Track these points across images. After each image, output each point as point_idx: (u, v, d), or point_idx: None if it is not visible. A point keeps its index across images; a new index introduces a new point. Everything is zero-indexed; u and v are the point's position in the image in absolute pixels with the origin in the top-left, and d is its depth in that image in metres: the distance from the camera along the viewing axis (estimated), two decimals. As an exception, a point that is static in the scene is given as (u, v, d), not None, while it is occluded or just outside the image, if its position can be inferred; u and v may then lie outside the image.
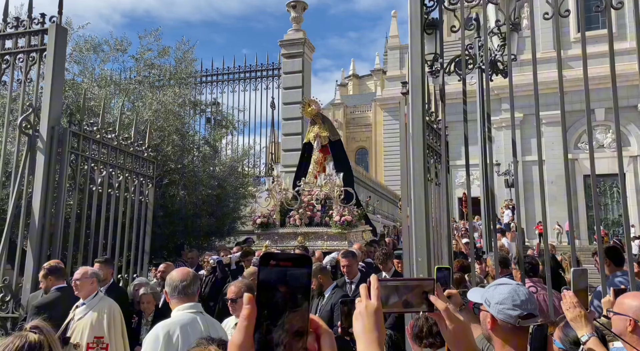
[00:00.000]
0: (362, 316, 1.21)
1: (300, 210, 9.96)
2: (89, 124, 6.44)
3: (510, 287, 1.90)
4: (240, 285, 3.98)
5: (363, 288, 1.26)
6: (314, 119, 11.42)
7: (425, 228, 4.62)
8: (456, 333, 1.32)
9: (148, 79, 11.07)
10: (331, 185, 9.83)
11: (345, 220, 9.44)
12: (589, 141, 4.44)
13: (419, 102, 4.67)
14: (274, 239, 9.87)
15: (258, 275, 0.69)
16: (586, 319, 2.09)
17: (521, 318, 1.82)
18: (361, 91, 60.86)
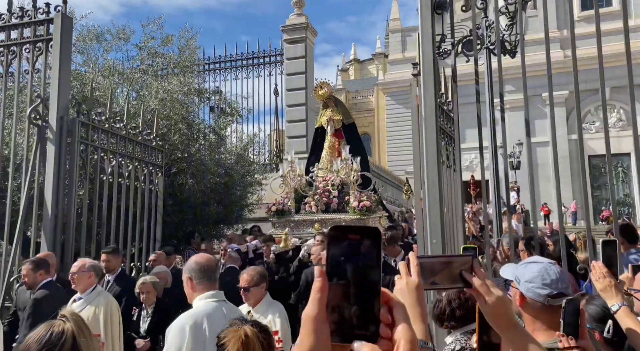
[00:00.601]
0: (403, 293, 1.21)
1: (316, 197, 9.74)
2: (97, 114, 6.43)
3: (541, 266, 1.88)
4: (253, 273, 3.96)
5: (402, 266, 1.25)
6: (326, 102, 11.05)
7: (440, 211, 4.62)
8: (495, 308, 1.31)
9: (152, 67, 11.01)
10: (347, 170, 9.55)
11: (364, 205, 9.24)
12: (604, 120, 4.41)
13: (431, 83, 4.63)
14: (290, 226, 9.68)
15: (328, 249, 0.68)
16: (616, 289, 2.07)
17: (550, 297, 1.80)
18: (363, 76, 60.50)
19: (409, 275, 1.23)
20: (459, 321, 2.72)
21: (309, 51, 15.84)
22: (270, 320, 3.81)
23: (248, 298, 3.94)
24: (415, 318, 1.18)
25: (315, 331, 0.64)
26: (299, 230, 9.58)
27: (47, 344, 1.74)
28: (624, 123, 30.01)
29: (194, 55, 11.99)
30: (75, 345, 1.79)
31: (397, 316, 0.68)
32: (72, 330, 1.82)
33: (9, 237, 5.90)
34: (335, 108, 11.07)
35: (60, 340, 1.77)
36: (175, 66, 11.21)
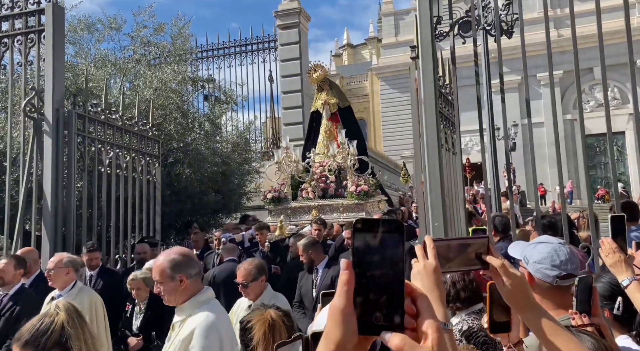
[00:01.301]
0: (421, 276, 1.20)
1: (313, 183, 9.49)
2: (92, 105, 6.37)
3: (551, 247, 1.87)
4: (249, 268, 3.77)
5: (419, 249, 1.24)
6: (321, 85, 10.71)
7: (441, 194, 4.62)
8: (514, 288, 1.31)
9: (145, 57, 10.89)
10: (344, 154, 9.28)
11: (362, 190, 9.01)
12: (605, 99, 4.40)
13: (430, 66, 4.60)
14: (287, 214, 9.47)
15: (353, 241, 0.69)
16: (626, 264, 2.07)
17: (559, 278, 1.80)
18: (356, 61, 60.10)
19: (426, 258, 1.22)
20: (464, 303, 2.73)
21: (303, 36, 15.70)
22: None
23: (247, 294, 3.81)
24: (434, 301, 1.17)
25: (344, 323, 0.65)
26: (296, 217, 9.37)
27: (36, 333, 1.86)
28: (618, 102, 30.04)
29: (186, 43, 11.87)
30: (63, 334, 1.88)
31: (422, 307, 0.70)
32: (62, 320, 1.91)
33: (9, 231, 5.88)
34: (331, 91, 10.76)
35: (49, 330, 1.87)
36: (168, 55, 11.10)
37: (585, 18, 20.55)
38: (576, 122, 30.17)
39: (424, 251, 1.23)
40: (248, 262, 3.98)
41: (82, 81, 6.85)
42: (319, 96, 10.78)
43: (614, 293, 2.13)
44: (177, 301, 2.59)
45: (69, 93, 6.26)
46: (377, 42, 50.10)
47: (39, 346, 1.85)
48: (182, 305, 2.59)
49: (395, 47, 38.21)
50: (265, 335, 1.98)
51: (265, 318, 2.03)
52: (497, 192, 7.47)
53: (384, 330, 0.66)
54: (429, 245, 1.24)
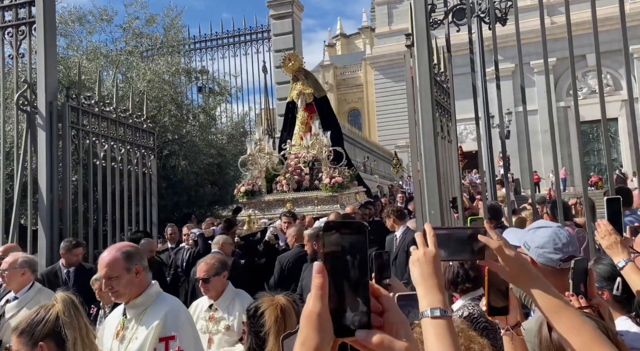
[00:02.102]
0: (420, 263, 1.21)
1: (287, 175, 9.23)
2: (86, 98, 6.32)
3: (551, 230, 1.89)
4: (212, 262, 3.51)
5: (419, 236, 1.26)
6: (296, 75, 10.46)
7: (437, 182, 4.64)
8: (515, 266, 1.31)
9: (138, 48, 10.81)
10: (319, 145, 9.03)
11: (335, 182, 8.76)
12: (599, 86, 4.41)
13: (425, 53, 4.60)
14: (260, 207, 9.17)
15: (323, 245, 0.70)
16: (622, 245, 2.09)
17: (562, 261, 1.82)
18: (350, 50, 59.87)
19: (425, 245, 1.23)
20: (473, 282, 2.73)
21: (296, 26, 15.61)
22: (239, 312, 3.37)
23: (208, 290, 3.48)
24: (433, 287, 1.18)
25: (322, 328, 0.66)
26: (270, 210, 9.11)
27: (32, 323, 1.96)
28: (610, 89, 30.14)
29: (179, 35, 11.78)
30: (57, 324, 1.95)
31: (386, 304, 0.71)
32: (57, 311, 1.99)
33: (5, 226, 5.86)
34: (306, 81, 10.45)
35: (44, 320, 1.96)
36: (161, 46, 11.01)
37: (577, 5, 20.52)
38: (569, 109, 30.25)
39: (424, 238, 1.25)
40: (210, 256, 3.77)
41: (75, 74, 6.80)
42: (294, 86, 10.55)
43: (613, 274, 2.16)
44: (131, 295, 2.46)
45: (62, 86, 6.20)
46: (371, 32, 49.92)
47: (34, 335, 1.92)
48: (136, 299, 2.45)
49: (388, 36, 38.09)
50: (277, 321, 1.96)
51: (276, 304, 2.01)
52: (492, 180, 7.51)
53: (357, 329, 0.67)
54: (429, 232, 1.25)
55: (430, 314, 1.13)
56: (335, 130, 9.99)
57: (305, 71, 10.73)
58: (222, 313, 3.47)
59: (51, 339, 1.93)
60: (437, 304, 1.14)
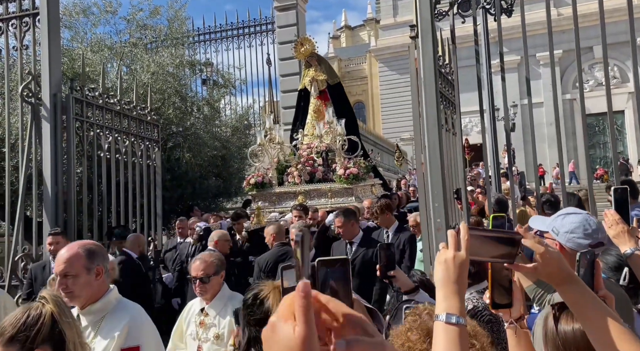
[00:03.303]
0: (447, 266, 1.19)
1: (299, 166, 8.73)
2: (90, 90, 6.32)
3: (582, 216, 1.92)
4: (211, 259, 3.19)
5: (452, 236, 1.22)
6: (309, 61, 9.79)
7: (441, 175, 4.63)
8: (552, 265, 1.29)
9: (142, 40, 10.79)
10: (332, 134, 8.53)
11: (350, 173, 8.26)
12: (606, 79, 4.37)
13: (430, 45, 4.57)
14: (271, 200, 8.76)
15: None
16: (629, 234, 2.09)
17: (592, 247, 1.84)
18: (354, 43, 59.57)
19: (457, 248, 1.20)
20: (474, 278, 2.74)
21: (301, 18, 15.53)
22: (232, 318, 3.03)
23: (206, 291, 3.11)
24: (454, 293, 1.17)
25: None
26: (281, 203, 8.68)
27: (22, 328, 1.62)
28: (617, 81, 29.88)
29: (183, 26, 11.74)
30: (54, 327, 1.66)
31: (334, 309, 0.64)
32: (51, 312, 1.69)
33: (10, 218, 5.89)
34: (319, 67, 9.81)
35: (38, 323, 1.64)
36: (165, 38, 10.98)
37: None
38: (575, 101, 30.04)
39: (457, 239, 1.21)
40: (206, 253, 3.43)
41: (79, 66, 6.79)
42: (306, 73, 9.90)
43: (621, 264, 2.16)
44: (87, 299, 2.20)
45: (66, 78, 6.20)
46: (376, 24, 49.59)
47: (27, 341, 1.61)
48: (93, 305, 2.21)
49: (393, 28, 37.84)
50: None
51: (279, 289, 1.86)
52: (497, 173, 7.47)
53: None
54: (463, 235, 1.21)
55: (445, 319, 1.13)
56: (351, 118, 9.43)
57: (318, 56, 10.11)
58: (212, 319, 3.14)
59: (48, 344, 1.65)
60: (454, 311, 1.14)
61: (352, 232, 5.01)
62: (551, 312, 1.53)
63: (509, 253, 1.29)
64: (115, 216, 6.66)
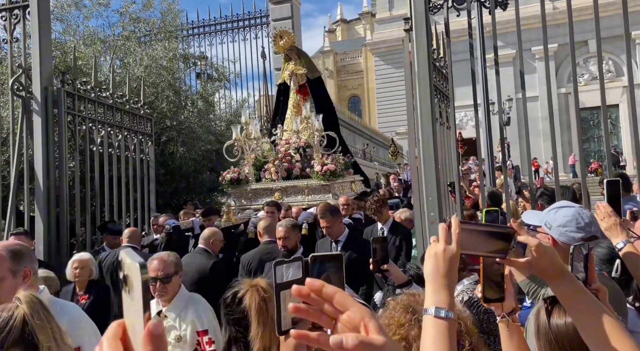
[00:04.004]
0: (437, 259, 1.18)
1: (276, 162, 8.48)
2: (82, 83, 6.27)
3: (574, 210, 1.91)
4: (170, 259, 3.05)
5: (443, 229, 1.21)
6: (288, 54, 9.53)
7: (435, 168, 4.61)
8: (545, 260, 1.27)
9: (135, 34, 10.70)
10: (310, 130, 8.26)
11: (327, 169, 7.98)
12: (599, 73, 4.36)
13: (424, 38, 4.54)
14: (247, 197, 8.45)
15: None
16: (621, 227, 2.09)
17: (584, 240, 1.83)
18: (350, 36, 59.44)
19: (448, 242, 1.19)
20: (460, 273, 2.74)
21: (295, 11, 15.45)
22: (194, 319, 2.95)
23: (166, 292, 2.96)
24: (443, 287, 1.16)
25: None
26: (257, 200, 8.36)
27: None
28: (612, 75, 29.95)
29: (177, 20, 11.65)
30: (25, 330, 1.56)
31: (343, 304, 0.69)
32: (23, 313, 1.59)
33: (1, 212, 5.85)
34: (299, 60, 9.53)
35: (7, 325, 1.55)
36: (158, 31, 10.90)
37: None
38: (570, 95, 30.06)
39: (448, 233, 1.20)
40: (165, 252, 3.24)
41: (71, 59, 6.72)
42: (286, 66, 9.65)
43: (613, 256, 2.17)
44: None
45: (59, 72, 6.14)
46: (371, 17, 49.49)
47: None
48: None
49: (389, 22, 37.71)
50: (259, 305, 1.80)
51: (256, 287, 1.85)
52: (491, 167, 7.48)
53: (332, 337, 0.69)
54: (454, 229, 1.20)
55: (434, 313, 1.12)
56: (330, 114, 9.18)
57: (298, 50, 9.89)
58: (172, 322, 2.98)
59: (19, 347, 1.55)
60: (443, 305, 1.13)
61: (340, 230, 4.87)
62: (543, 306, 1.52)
63: (502, 248, 1.28)
64: (108, 210, 6.63)
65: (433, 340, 1.10)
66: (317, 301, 0.68)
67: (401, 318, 1.52)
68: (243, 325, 1.85)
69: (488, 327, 2.48)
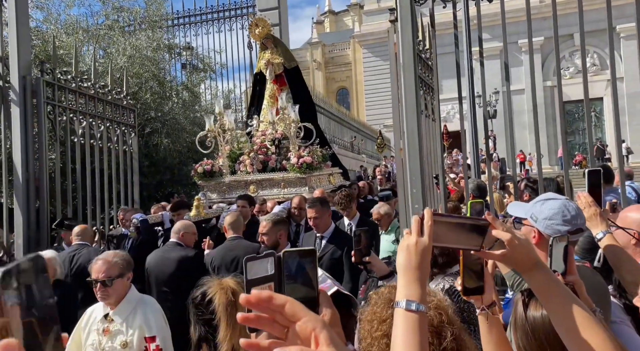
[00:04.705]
0: (409, 252, 1.17)
1: (251, 154, 8.20)
2: (62, 73, 6.13)
3: (560, 202, 1.89)
4: (114, 260, 2.88)
5: (415, 222, 1.20)
6: (264, 43, 9.24)
7: (419, 160, 4.61)
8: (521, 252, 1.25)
9: (118, 23, 10.51)
10: (287, 121, 8.02)
11: (304, 161, 7.75)
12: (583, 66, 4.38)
13: (409, 29, 4.50)
14: (221, 190, 8.19)
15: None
16: (601, 217, 2.09)
17: (570, 233, 1.82)
18: (338, 28, 59.21)
19: (420, 234, 1.18)
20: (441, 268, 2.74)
21: (282, 2, 15.26)
22: (142, 324, 2.80)
23: (108, 295, 2.81)
24: (415, 280, 1.15)
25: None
26: (231, 193, 8.04)
27: None
28: (597, 68, 30.27)
29: (161, 9, 11.47)
30: None
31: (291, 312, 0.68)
32: None
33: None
34: (275, 49, 9.25)
35: None
36: (142, 21, 10.72)
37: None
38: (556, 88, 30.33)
39: (420, 225, 1.19)
40: (113, 252, 3.06)
41: (52, 48, 6.58)
42: (262, 55, 9.38)
43: (594, 246, 2.17)
44: None
45: (39, 61, 6.00)
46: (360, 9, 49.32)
47: None
48: None
49: (377, 14, 37.63)
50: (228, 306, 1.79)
51: (225, 288, 1.83)
52: (477, 160, 7.50)
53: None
54: (426, 221, 1.19)
55: (405, 306, 1.12)
56: (307, 105, 8.97)
57: (275, 38, 9.60)
58: (119, 326, 2.84)
59: None
60: (414, 298, 1.12)
61: (327, 224, 4.56)
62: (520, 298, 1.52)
63: (476, 240, 1.26)
64: (91, 203, 6.53)
65: (404, 334, 1.09)
66: (268, 310, 0.67)
67: (383, 313, 1.50)
68: (213, 325, 1.84)
69: (469, 317, 2.48)
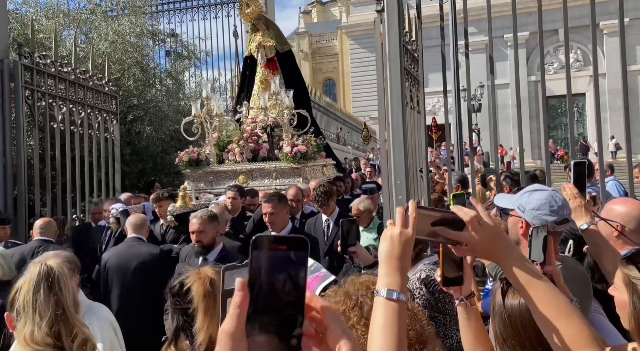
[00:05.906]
0: (392, 242, 1.18)
1: (241, 142, 7.69)
2: (41, 57, 5.99)
3: (547, 193, 1.91)
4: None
5: (400, 212, 1.21)
6: (256, 24, 8.64)
7: (404, 152, 4.60)
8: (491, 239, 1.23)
9: (100, 7, 10.29)
10: (280, 107, 7.53)
11: (298, 151, 7.29)
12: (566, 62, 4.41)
13: (395, 18, 4.47)
14: (208, 180, 7.70)
15: (251, 260, 0.64)
16: (586, 209, 2.12)
17: (557, 224, 1.86)
18: (326, 18, 58.89)
19: (404, 225, 1.19)
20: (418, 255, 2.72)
21: (269, -11, 15.11)
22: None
23: None
24: (396, 270, 1.16)
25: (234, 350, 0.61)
26: (219, 183, 7.57)
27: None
28: (580, 64, 30.62)
29: (145, -6, 11.25)
30: None
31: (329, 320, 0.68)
32: None
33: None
34: (267, 31, 8.65)
35: None
36: (125, 6, 10.50)
37: (553, -22, 20.58)
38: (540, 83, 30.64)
39: (405, 216, 1.20)
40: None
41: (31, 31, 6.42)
42: (253, 37, 8.77)
43: (566, 237, 2.20)
44: None
45: (17, 44, 5.85)
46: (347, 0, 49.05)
47: None
48: None
49: (364, 5, 37.47)
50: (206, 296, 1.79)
51: (203, 278, 1.83)
52: (460, 153, 7.54)
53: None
54: (411, 212, 1.20)
55: (385, 294, 1.13)
56: (301, 90, 8.48)
57: (267, 20, 8.89)
58: None
59: None
60: (395, 287, 1.13)
61: (285, 221, 4.29)
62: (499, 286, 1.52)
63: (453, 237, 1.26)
64: (71, 191, 6.41)
65: (383, 322, 1.10)
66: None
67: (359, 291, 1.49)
68: (190, 314, 1.84)
69: (444, 307, 2.49)
